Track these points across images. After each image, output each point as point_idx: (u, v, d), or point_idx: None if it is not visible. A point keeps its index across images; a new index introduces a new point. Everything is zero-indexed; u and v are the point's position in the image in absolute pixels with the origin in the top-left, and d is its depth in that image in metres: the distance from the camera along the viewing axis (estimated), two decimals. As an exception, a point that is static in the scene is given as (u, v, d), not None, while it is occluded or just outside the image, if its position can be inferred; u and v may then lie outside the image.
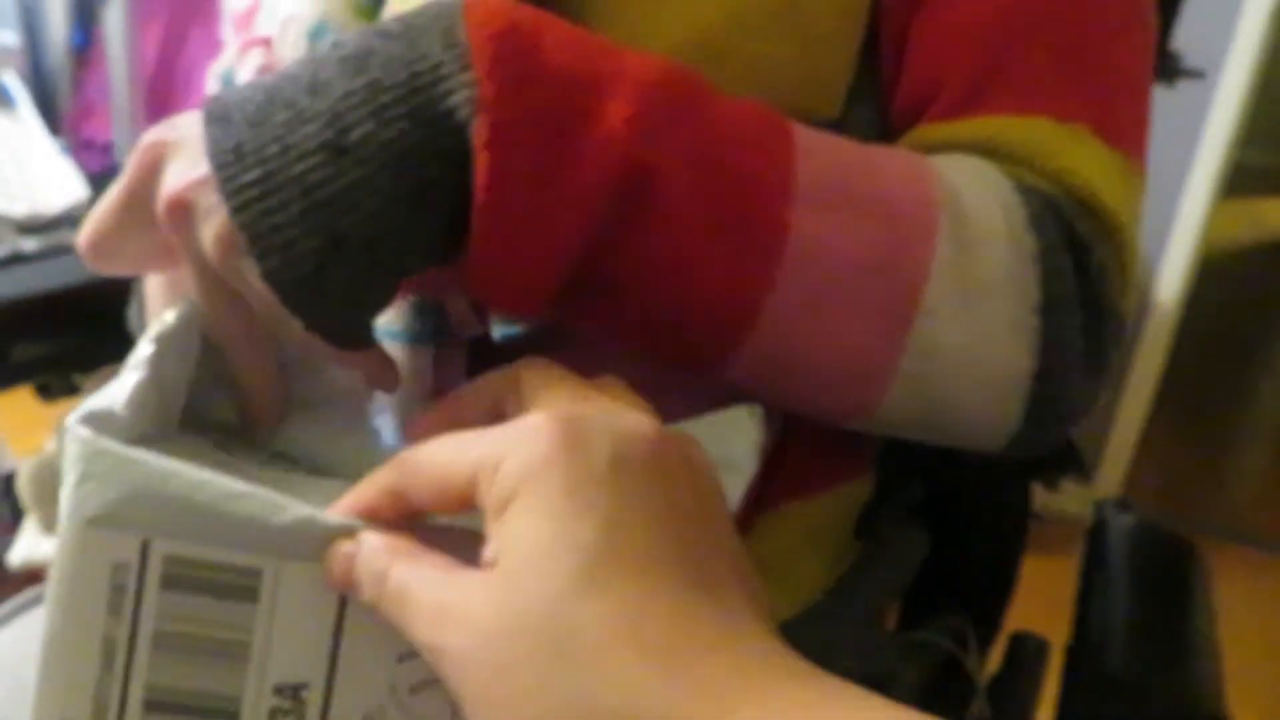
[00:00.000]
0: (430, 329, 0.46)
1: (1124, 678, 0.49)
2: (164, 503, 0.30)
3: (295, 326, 0.36)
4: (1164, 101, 0.80)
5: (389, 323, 0.45)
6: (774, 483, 0.49)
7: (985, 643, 0.65)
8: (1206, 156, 1.96)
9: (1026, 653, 0.66)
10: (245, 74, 0.50)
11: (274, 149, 0.34)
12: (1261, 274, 3.40)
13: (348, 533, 0.30)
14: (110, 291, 0.65)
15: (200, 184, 0.35)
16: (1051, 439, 0.45)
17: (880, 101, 0.48)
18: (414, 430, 0.33)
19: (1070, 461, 0.67)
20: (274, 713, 0.31)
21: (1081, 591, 0.60)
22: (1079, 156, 0.44)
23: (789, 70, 0.45)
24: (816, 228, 0.38)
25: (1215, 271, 2.23)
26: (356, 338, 0.37)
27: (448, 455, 0.29)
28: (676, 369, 0.42)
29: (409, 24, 0.35)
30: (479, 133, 0.33)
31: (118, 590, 0.31)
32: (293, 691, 0.31)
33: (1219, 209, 2.03)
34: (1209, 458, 2.58)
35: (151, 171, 0.36)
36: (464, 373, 0.46)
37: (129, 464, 0.31)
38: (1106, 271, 0.43)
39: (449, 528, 0.31)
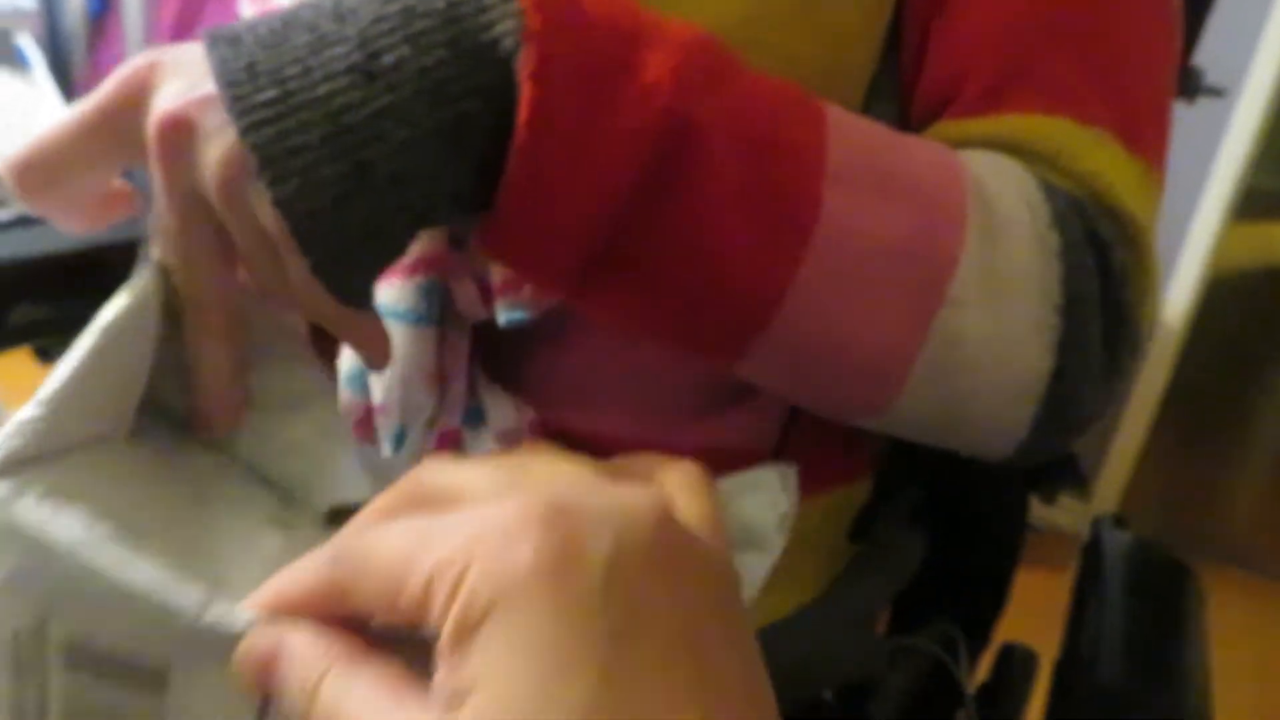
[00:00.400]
0: (436, 311, 0.45)
1: (1112, 693, 0.49)
2: (54, 587, 0.27)
3: (291, 281, 0.33)
4: (1180, 122, 0.79)
5: (394, 302, 0.45)
6: None
7: (975, 653, 0.65)
8: (1220, 179, 1.95)
9: (1015, 664, 0.66)
10: None
11: (294, 69, 0.30)
12: (1269, 298, 3.39)
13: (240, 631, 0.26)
14: (113, 255, 0.65)
15: (204, 102, 0.31)
16: (1059, 445, 0.44)
17: (901, 98, 0.48)
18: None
19: (1069, 475, 0.67)
20: None
21: (1074, 606, 0.60)
22: (1102, 160, 0.43)
23: (810, 64, 0.45)
24: (847, 207, 0.37)
25: (1223, 294, 2.22)
26: (360, 292, 0.34)
27: (398, 551, 0.22)
28: (690, 359, 0.40)
29: None
30: (525, 63, 0.31)
31: (19, 658, 0.28)
32: None
33: (1229, 232, 2.02)
34: (1208, 479, 2.57)
35: (138, 91, 0.32)
36: (468, 357, 0.46)
37: (18, 536, 0.27)
38: (1128, 275, 0.43)
39: None
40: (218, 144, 0.30)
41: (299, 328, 0.38)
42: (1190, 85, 0.67)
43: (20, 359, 0.71)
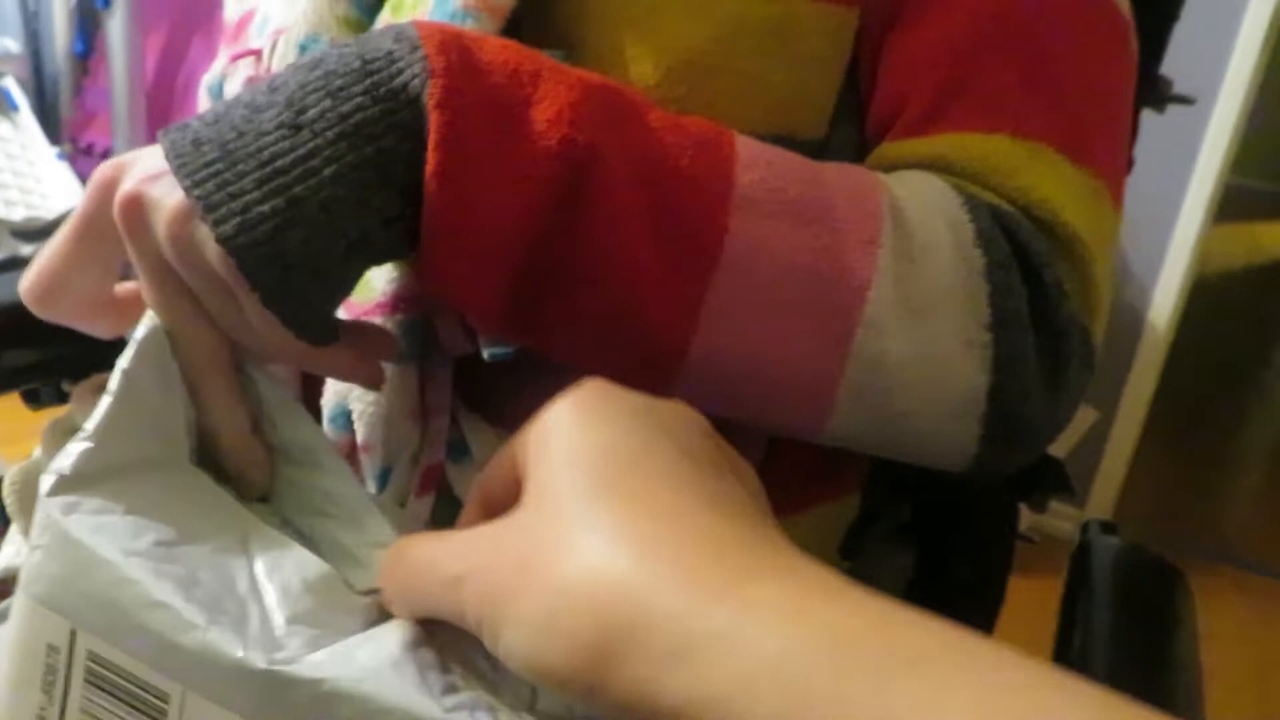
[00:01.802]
0: (418, 348, 0.46)
1: (1104, 700, 0.49)
2: (90, 595, 0.29)
3: (253, 326, 0.35)
4: (1160, 128, 0.81)
5: None
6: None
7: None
8: (1200, 181, 1.97)
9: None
10: (234, 85, 0.51)
11: (231, 134, 0.34)
12: (1253, 297, 3.41)
13: (256, 672, 0.28)
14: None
15: (155, 177, 0.35)
16: (1017, 458, 0.45)
17: (862, 121, 0.49)
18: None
19: (1057, 483, 0.67)
20: None
21: (1064, 612, 0.60)
22: (1038, 174, 0.44)
23: (777, 90, 0.46)
24: (755, 233, 0.39)
25: (1208, 294, 2.24)
26: (318, 326, 0.36)
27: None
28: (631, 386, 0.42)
29: (359, 38, 0.37)
30: (430, 96, 0.35)
31: (50, 671, 0.30)
32: None
33: (1212, 233, 2.04)
34: (1200, 479, 2.58)
35: (108, 190, 0.36)
36: (451, 391, 0.47)
37: (71, 545, 0.30)
38: (1063, 289, 0.43)
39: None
40: (168, 205, 0.34)
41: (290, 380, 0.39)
42: (1159, 95, 0.68)
43: (10, 404, 0.71)
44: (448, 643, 0.30)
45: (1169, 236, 2.01)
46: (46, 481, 0.31)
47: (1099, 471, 2.17)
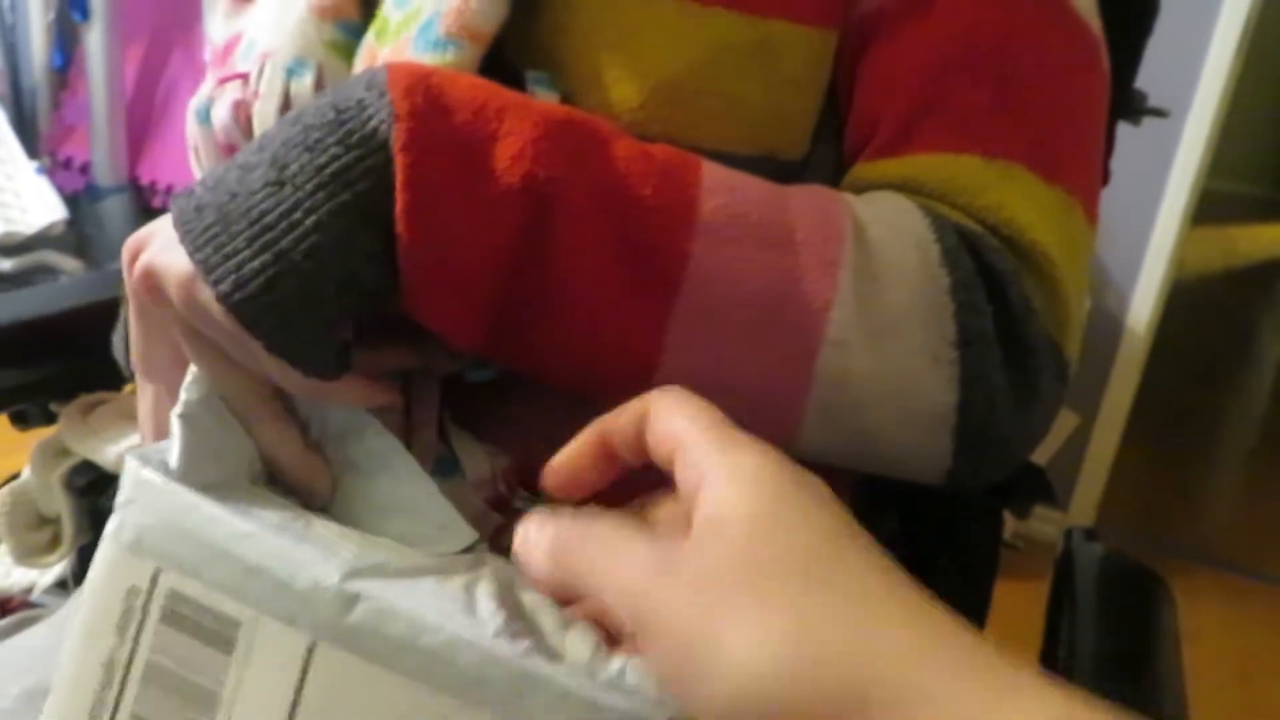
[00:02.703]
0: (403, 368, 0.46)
1: (1089, 707, 0.50)
2: (182, 534, 0.33)
3: (267, 368, 0.38)
4: (1136, 134, 0.82)
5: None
6: None
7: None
8: (1177, 186, 1.99)
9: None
10: (222, 108, 0.51)
11: (226, 198, 0.37)
12: (1231, 300, 3.45)
13: (329, 589, 0.31)
14: (89, 319, 0.65)
15: (166, 248, 0.38)
16: (992, 471, 0.45)
17: (841, 140, 0.49)
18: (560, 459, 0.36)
19: (1040, 491, 0.68)
20: None
21: (1049, 620, 0.61)
22: (1006, 192, 0.44)
23: (760, 111, 0.46)
24: (717, 258, 0.40)
25: (1186, 298, 2.26)
26: (322, 362, 0.38)
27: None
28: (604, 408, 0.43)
29: (336, 86, 0.39)
30: (396, 140, 0.36)
31: (127, 614, 0.33)
32: None
33: (1189, 236, 2.06)
34: (1182, 482, 2.61)
35: (133, 265, 0.40)
36: (438, 409, 0.47)
37: (165, 494, 0.34)
38: (1030, 306, 0.43)
39: None
40: (174, 273, 0.38)
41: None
42: (1133, 108, 0.69)
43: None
44: (518, 605, 0.33)
45: (1147, 241, 2.03)
46: (131, 458, 0.35)
47: (1081, 476, 2.19)
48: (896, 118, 0.46)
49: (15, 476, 0.62)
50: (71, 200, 1.89)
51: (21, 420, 0.65)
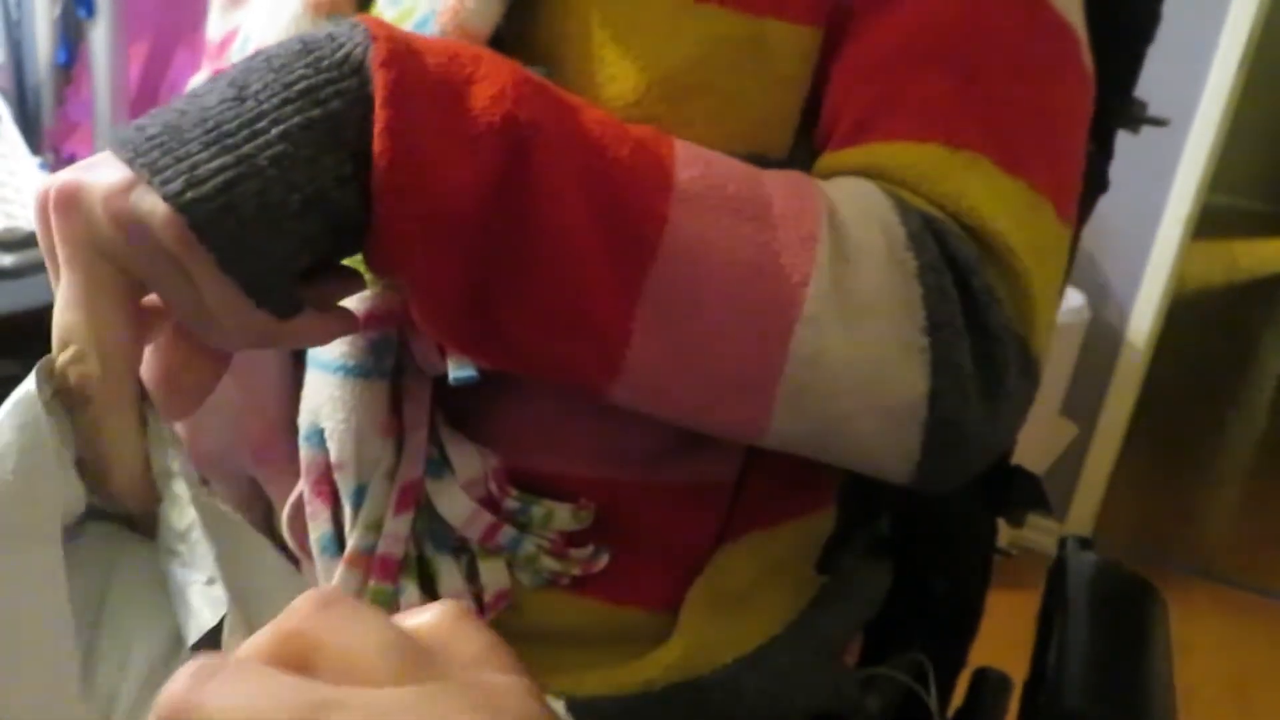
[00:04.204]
0: (388, 365, 0.46)
1: (1079, 715, 0.50)
2: None
3: (208, 305, 0.34)
4: (1138, 147, 0.82)
5: (343, 356, 0.46)
6: (735, 514, 0.49)
7: (949, 677, 0.66)
8: (1179, 199, 1.99)
9: (989, 688, 0.66)
10: None
11: (174, 115, 0.34)
12: (1231, 313, 3.45)
13: None
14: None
15: (92, 165, 0.34)
16: (959, 469, 0.45)
17: None
18: None
19: (1034, 499, 0.68)
20: None
21: (1040, 629, 0.61)
22: (968, 182, 0.44)
23: (753, 109, 0.46)
24: (695, 226, 0.39)
25: (1186, 310, 2.26)
26: (281, 293, 0.35)
27: None
28: (576, 395, 0.42)
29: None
30: (375, 55, 0.35)
31: None
32: None
33: (1191, 249, 2.06)
34: (1180, 495, 2.60)
35: (44, 203, 0.35)
36: (430, 408, 0.47)
37: None
38: (993, 295, 0.43)
39: None
40: (105, 182, 0.33)
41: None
42: (1133, 117, 0.69)
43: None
44: None
45: (1147, 254, 2.03)
46: None
47: (1078, 486, 2.19)
48: (860, 107, 0.46)
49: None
50: (73, 196, 1.88)
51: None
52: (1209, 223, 2.16)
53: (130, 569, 0.34)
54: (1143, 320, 2.06)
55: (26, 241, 1.74)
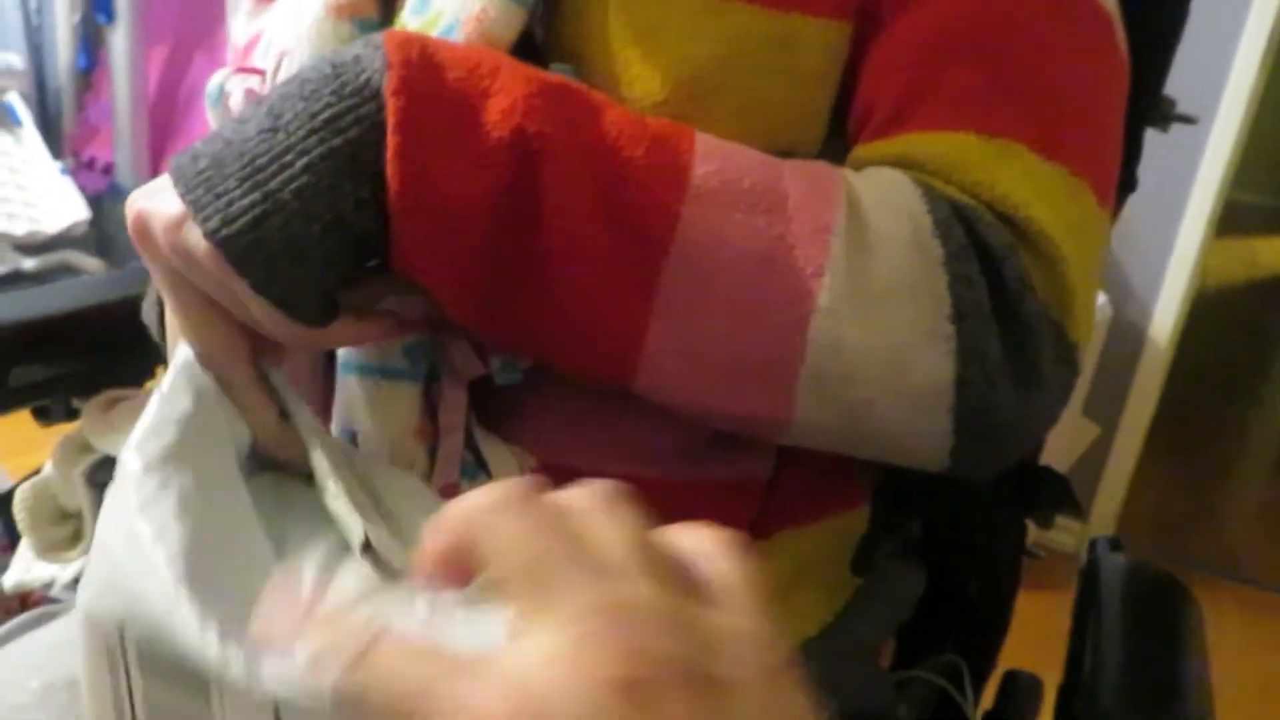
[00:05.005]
0: (422, 369, 0.46)
1: (1116, 717, 0.49)
2: (128, 599, 0.32)
3: (254, 315, 0.38)
4: (1160, 145, 0.81)
5: (376, 359, 0.46)
6: (768, 512, 0.49)
7: (979, 680, 0.65)
8: (1200, 197, 1.97)
9: (1020, 690, 0.66)
10: (236, 91, 0.51)
11: (221, 145, 0.38)
12: (1254, 312, 3.42)
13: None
14: (112, 316, 0.65)
15: (158, 194, 0.39)
16: (996, 457, 0.45)
17: None
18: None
19: (1063, 499, 0.67)
20: None
21: (1074, 631, 0.60)
22: (1002, 170, 0.43)
23: (780, 106, 0.46)
24: (708, 222, 0.40)
25: (1208, 309, 2.24)
26: (311, 306, 0.39)
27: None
28: (599, 385, 0.43)
29: (337, 48, 0.41)
30: (388, 83, 0.37)
31: (112, 659, 0.33)
32: None
33: (1213, 247, 2.04)
34: (1202, 494, 2.58)
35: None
36: (465, 412, 0.47)
37: (113, 561, 0.33)
38: (1026, 283, 0.42)
39: None
40: (163, 214, 0.38)
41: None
42: (1162, 114, 0.68)
43: (19, 421, 0.71)
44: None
45: (1169, 251, 2.02)
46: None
47: (1100, 486, 2.17)
48: (892, 99, 0.46)
49: (36, 473, 0.62)
50: (94, 201, 1.90)
51: (44, 416, 0.65)
52: (1231, 220, 2.14)
53: (296, 501, 0.39)
54: (1165, 319, 2.05)
55: (49, 245, 1.76)
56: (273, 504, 0.39)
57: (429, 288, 0.40)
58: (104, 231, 1.95)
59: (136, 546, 0.33)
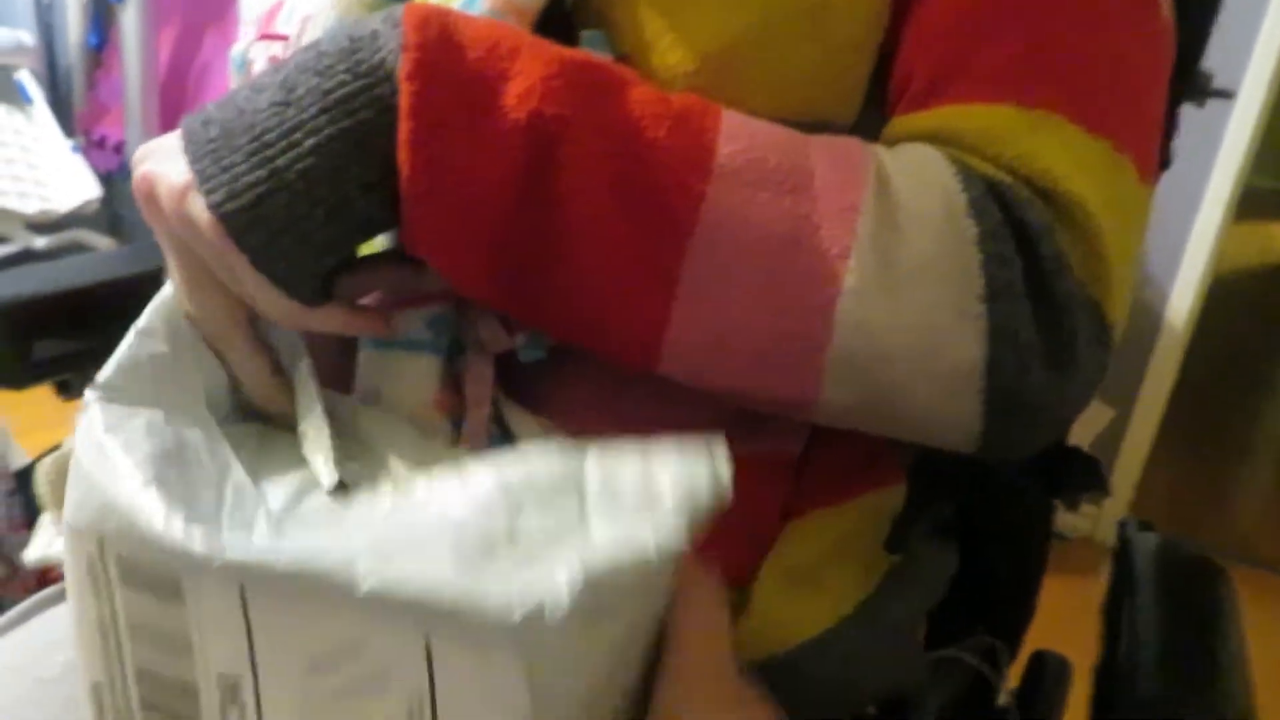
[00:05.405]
0: (445, 341, 0.46)
1: (1157, 699, 0.49)
2: (102, 510, 0.34)
3: (248, 291, 0.39)
4: (1180, 128, 0.80)
5: (398, 332, 0.46)
6: (802, 489, 0.49)
7: (1007, 662, 0.65)
8: (1219, 181, 1.96)
9: (1048, 671, 0.65)
10: (260, 59, 0.51)
11: (233, 114, 0.38)
12: (1271, 296, 3.40)
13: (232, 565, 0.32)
14: (131, 290, 0.65)
15: (167, 158, 0.39)
16: (1028, 438, 0.44)
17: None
18: None
19: (1092, 481, 0.66)
20: (223, 705, 0.34)
21: (1109, 612, 0.60)
22: (1041, 143, 0.42)
23: (814, 77, 0.45)
24: (732, 201, 0.39)
25: (1225, 293, 2.23)
26: (308, 286, 0.39)
27: None
28: (622, 366, 0.43)
29: (357, 18, 0.40)
30: (403, 67, 0.37)
31: (95, 579, 0.35)
32: (231, 685, 0.33)
33: (1230, 232, 2.03)
34: (1217, 478, 2.57)
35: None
36: (492, 385, 0.46)
37: (86, 474, 0.35)
38: (1063, 261, 0.41)
39: None
40: (170, 181, 0.38)
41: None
42: (1199, 88, 0.67)
43: (35, 398, 0.71)
44: None
45: (1187, 235, 2.01)
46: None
47: (1115, 470, 2.16)
48: (928, 70, 0.45)
49: (55, 449, 0.61)
50: (105, 179, 1.90)
51: (66, 389, 0.65)
52: (1250, 205, 2.12)
53: (277, 449, 0.41)
54: (1181, 302, 2.04)
55: (60, 224, 1.75)
56: (255, 448, 0.41)
57: (443, 273, 0.40)
58: (114, 210, 1.95)
59: (104, 457, 0.34)
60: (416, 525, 0.33)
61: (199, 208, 0.37)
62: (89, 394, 0.37)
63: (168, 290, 0.41)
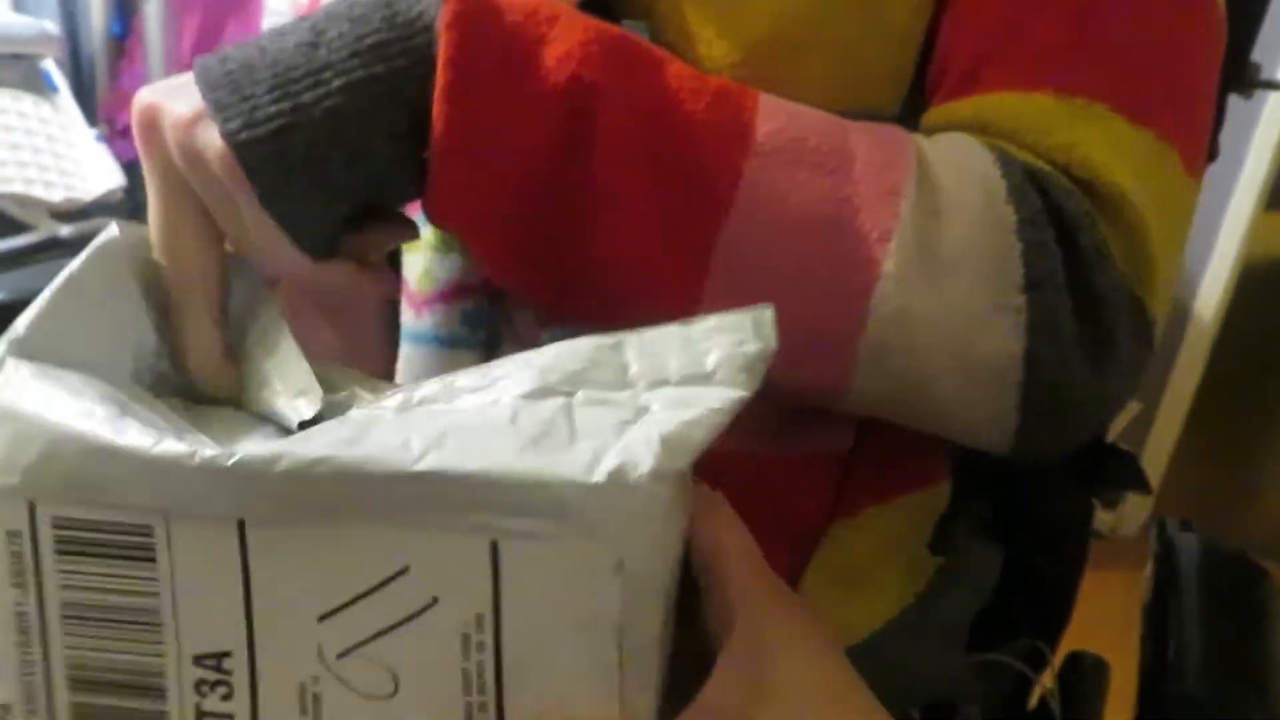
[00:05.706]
0: (481, 336, 0.46)
1: (1207, 699, 0.48)
2: (43, 456, 0.29)
3: (251, 234, 0.36)
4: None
5: (435, 328, 0.46)
6: (849, 487, 0.48)
7: (1048, 664, 0.64)
8: (1252, 171, 1.94)
9: (1085, 672, 0.65)
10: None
11: (254, 52, 0.36)
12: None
13: (222, 469, 0.28)
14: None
15: (176, 90, 0.36)
16: (1065, 435, 0.43)
17: None
18: None
19: (1131, 478, 0.66)
20: (200, 685, 0.29)
21: (1153, 612, 0.59)
22: (1081, 131, 0.41)
23: (865, 64, 0.45)
24: (771, 180, 0.38)
25: (1256, 285, 2.20)
26: (316, 234, 0.37)
27: None
28: None
29: None
30: (443, 16, 0.35)
31: (16, 559, 0.29)
32: (215, 662, 0.29)
33: (1261, 222, 2.00)
34: (1244, 473, 2.55)
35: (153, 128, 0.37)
36: None
37: (18, 419, 0.29)
38: (1104, 253, 0.40)
39: None
40: (179, 110, 0.36)
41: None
42: (1248, 79, 0.66)
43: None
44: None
45: (1218, 226, 1.98)
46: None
47: (1141, 464, 2.15)
48: (967, 57, 0.44)
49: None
50: (129, 168, 1.90)
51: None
52: (1280, 195, 2.09)
53: (207, 419, 0.35)
54: (1211, 294, 2.02)
55: (85, 213, 1.76)
56: (191, 419, 0.36)
57: (463, 237, 0.38)
58: (139, 199, 1.95)
59: (47, 399, 0.30)
60: (457, 419, 0.29)
61: (209, 137, 0.35)
62: (4, 346, 0.32)
63: (110, 235, 0.36)
